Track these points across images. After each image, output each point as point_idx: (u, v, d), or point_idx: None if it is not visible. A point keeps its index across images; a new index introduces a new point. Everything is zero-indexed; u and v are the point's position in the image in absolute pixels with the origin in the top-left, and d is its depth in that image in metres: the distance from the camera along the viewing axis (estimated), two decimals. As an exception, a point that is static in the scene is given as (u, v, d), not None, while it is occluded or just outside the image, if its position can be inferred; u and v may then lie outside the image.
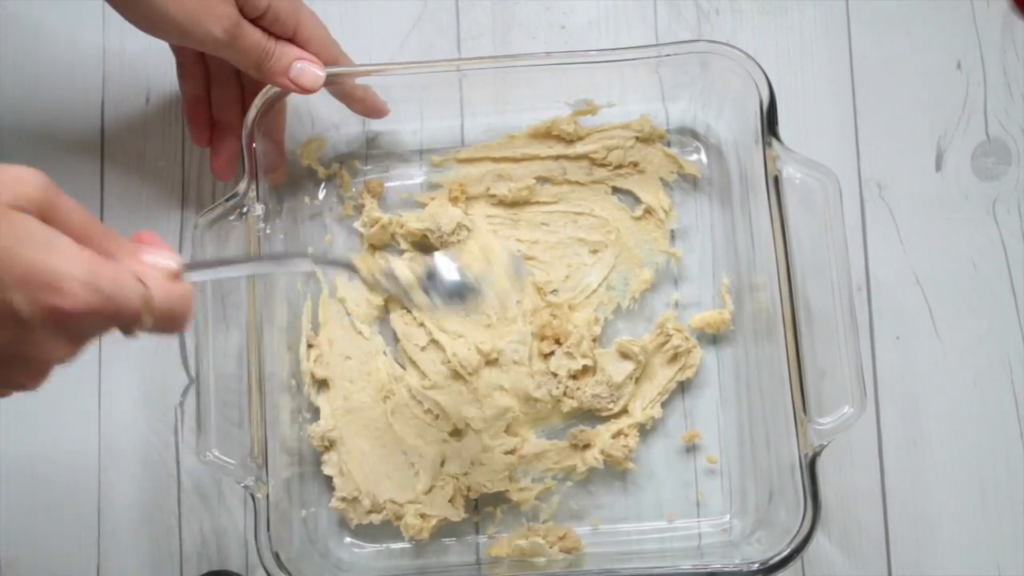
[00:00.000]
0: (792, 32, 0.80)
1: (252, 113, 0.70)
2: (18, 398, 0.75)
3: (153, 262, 0.52)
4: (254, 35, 0.67)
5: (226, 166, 0.75)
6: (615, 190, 0.78)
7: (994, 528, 0.74)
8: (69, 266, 0.46)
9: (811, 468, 0.64)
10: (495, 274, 0.62)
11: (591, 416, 0.75)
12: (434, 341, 0.75)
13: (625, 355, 0.74)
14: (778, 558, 0.64)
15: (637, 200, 0.78)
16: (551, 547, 0.72)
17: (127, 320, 0.49)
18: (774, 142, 0.68)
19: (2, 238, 0.45)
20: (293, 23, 0.69)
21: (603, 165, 0.78)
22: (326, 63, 0.70)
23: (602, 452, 0.73)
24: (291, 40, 0.70)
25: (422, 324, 0.76)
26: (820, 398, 0.65)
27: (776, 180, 0.68)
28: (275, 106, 0.72)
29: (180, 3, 0.64)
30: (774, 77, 0.70)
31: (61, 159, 0.79)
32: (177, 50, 0.74)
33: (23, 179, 0.47)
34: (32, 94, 0.80)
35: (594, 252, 0.77)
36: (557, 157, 0.78)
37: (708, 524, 0.74)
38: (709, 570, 0.66)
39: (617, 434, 0.74)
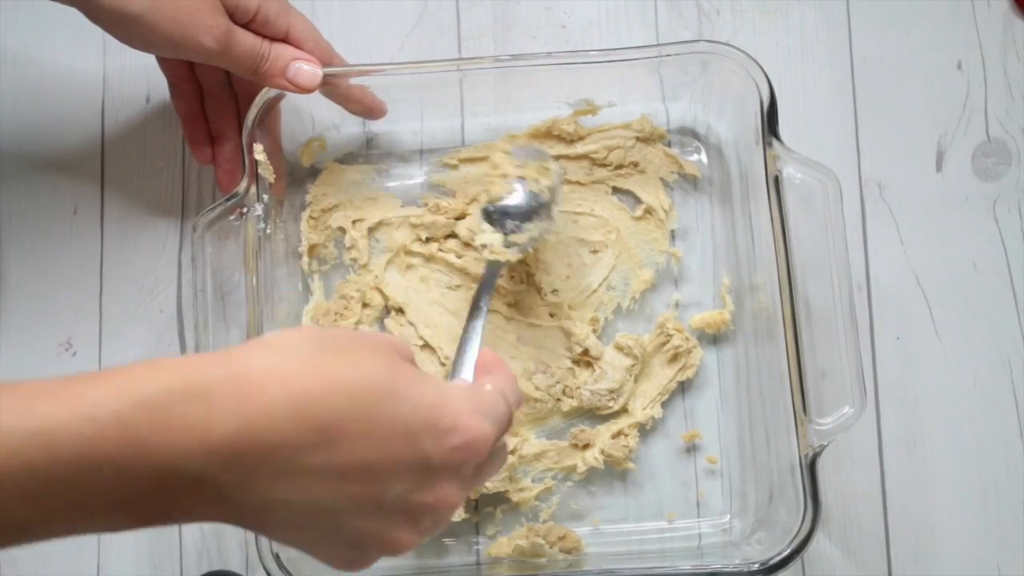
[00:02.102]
0: (793, 32, 0.80)
1: (252, 113, 0.69)
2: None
3: None
4: (247, 40, 0.67)
5: (231, 177, 0.75)
6: (615, 190, 0.78)
7: (994, 528, 0.74)
8: (459, 402, 0.47)
9: (811, 468, 0.64)
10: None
11: (591, 416, 0.75)
12: (426, 344, 0.75)
13: (622, 350, 0.74)
14: (778, 558, 0.64)
15: (638, 200, 0.78)
16: (551, 547, 0.72)
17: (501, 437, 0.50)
18: (774, 142, 0.68)
19: (407, 389, 0.46)
20: (284, 24, 0.69)
21: (603, 165, 0.78)
22: (321, 63, 0.70)
23: (602, 452, 0.73)
24: (284, 41, 0.69)
25: (412, 323, 0.76)
26: (820, 398, 0.65)
27: (776, 180, 0.68)
28: (273, 108, 0.72)
29: (170, 18, 0.64)
30: (774, 77, 0.70)
31: (62, 158, 0.79)
32: (167, 69, 0.74)
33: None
34: (33, 94, 0.80)
35: (594, 252, 0.77)
36: (557, 157, 0.78)
37: (708, 524, 0.74)
38: (709, 570, 0.66)
39: (617, 434, 0.74)
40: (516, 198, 0.71)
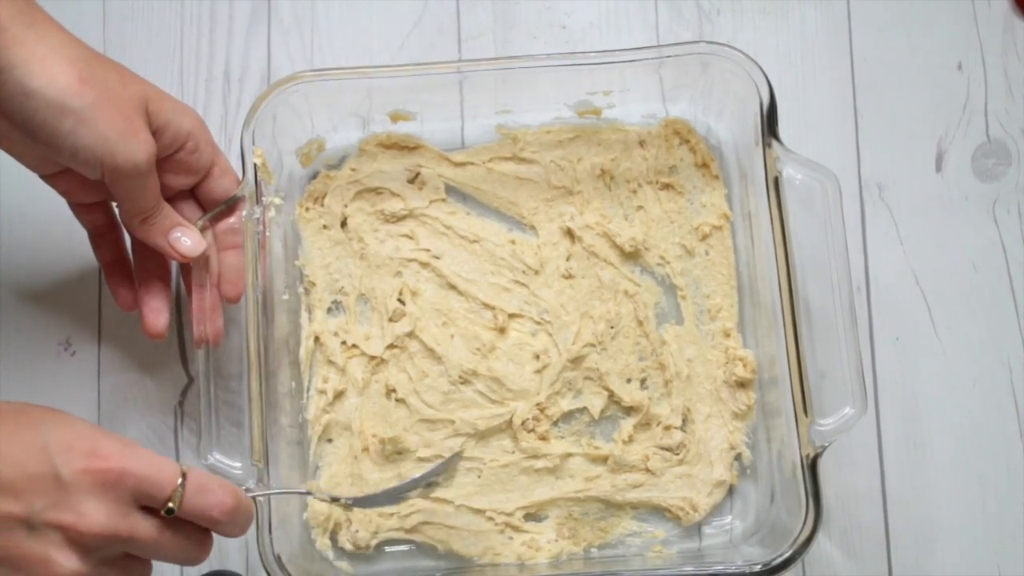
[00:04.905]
0: (793, 33, 0.80)
1: (251, 115, 0.69)
2: (17, 396, 0.75)
3: None
4: (156, 182, 0.65)
5: (162, 321, 0.70)
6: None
7: (994, 528, 0.74)
8: (106, 436, 0.54)
9: (812, 469, 0.64)
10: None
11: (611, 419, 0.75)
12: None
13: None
14: (780, 559, 0.64)
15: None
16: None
17: (151, 493, 0.54)
18: (774, 143, 0.68)
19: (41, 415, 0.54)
20: (211, 156, 0.67)
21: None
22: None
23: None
24: (208, 175, 0.68)
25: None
26: (821, 399, 0.65)
27: (776, 181, 0.68)
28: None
29: (111, 122, 0.60)
30: (774, 78, 0.70)
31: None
32: (86, 218, 0.70)
33: None
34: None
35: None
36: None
37: (709, 525, 0.74)
38: (711, 571, 0.66)
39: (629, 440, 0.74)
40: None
